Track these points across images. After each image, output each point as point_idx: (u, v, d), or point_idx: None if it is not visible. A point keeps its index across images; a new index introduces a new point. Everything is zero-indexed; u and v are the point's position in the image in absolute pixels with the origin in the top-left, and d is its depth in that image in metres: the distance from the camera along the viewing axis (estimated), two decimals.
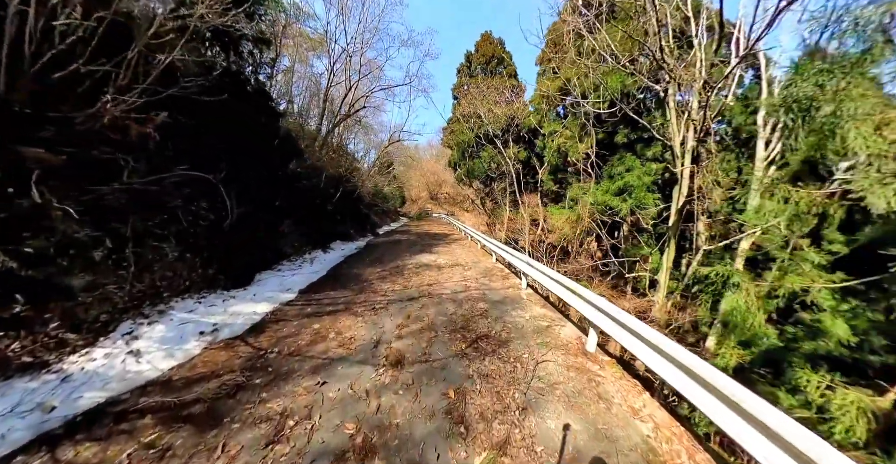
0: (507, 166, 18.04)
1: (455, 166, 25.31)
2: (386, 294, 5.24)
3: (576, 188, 11.54)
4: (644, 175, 9.24)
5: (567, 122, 12.12)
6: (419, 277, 6.39)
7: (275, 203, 8.80)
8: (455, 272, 6.85)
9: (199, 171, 5.57)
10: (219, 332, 4.13)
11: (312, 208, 10.58)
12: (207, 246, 5.58)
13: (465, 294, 5.27)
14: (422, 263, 7.83)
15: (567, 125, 11.96)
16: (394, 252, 9.57)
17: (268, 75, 14.10)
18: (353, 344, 3.51)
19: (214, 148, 6.43)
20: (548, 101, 12.96)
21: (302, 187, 10.60)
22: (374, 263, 7.87)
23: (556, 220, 12.08)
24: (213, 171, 6.31)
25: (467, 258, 8.55)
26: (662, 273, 10.81)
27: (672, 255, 10.84)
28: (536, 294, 5.61)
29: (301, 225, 9.55)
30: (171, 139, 5.44)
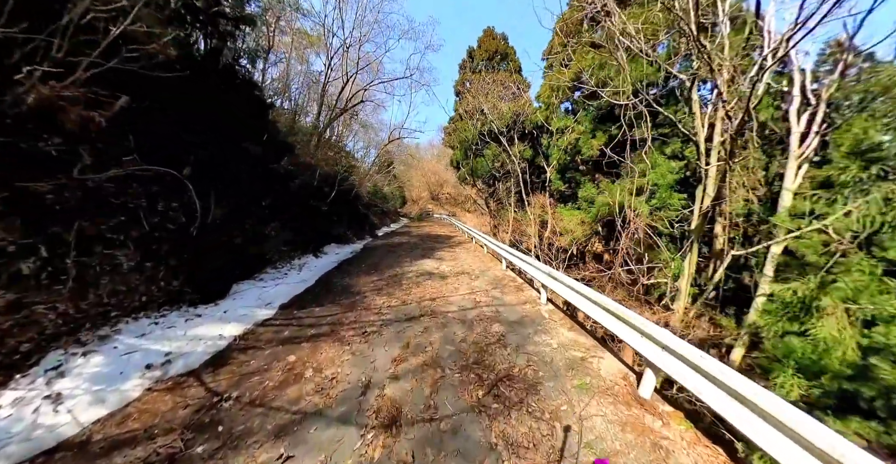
0: (512, 165, 17.19)
1: (457, 165, 24.49)
2: (381, 311, 4.41)
3: (589, 187, 10.70)
4: (668, 173, 8.39)
5: (579, 116, 11.29)
6: (420, 288, 5.55)
7: (261, 203, 7.98)
8: (461, 282, 6.01)
9: (171, 165, 4.76)
10: (171, 364, 3.30)
11: (305, 209, 9.76)
12: (173, 253, 4.76)
13: (475, 312, 4.43)
14: (423, 270, 6.99)
15: (579, 120, 11.13)
16: (392, 257, 8.74)
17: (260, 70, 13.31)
18: (335, 389, 2.68)
19: (188, 140, 5.61)
20: (558, 94, 12.13)
21: (294, 186, 9.78)
22: (369, 271, 7.04)
23: (568, 221, 11.25)
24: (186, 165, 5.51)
25: (474, 265, 7.71)
26: (684, 280, 9.97)
27: (695, 260, 9.99)
28: (559, 311, 4.77)
29: (291, 227, 8.72)
30: (133, 128, 4.62)
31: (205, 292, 4.83)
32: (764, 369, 5.90)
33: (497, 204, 19.30)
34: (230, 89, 7.14)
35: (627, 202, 8.97)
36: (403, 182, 39.01)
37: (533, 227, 13.34)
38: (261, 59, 12.61)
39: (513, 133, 16.55)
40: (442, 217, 32.49)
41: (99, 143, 4.32)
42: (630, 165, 9.25)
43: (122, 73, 4.13)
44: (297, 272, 6.86)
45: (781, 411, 1.68)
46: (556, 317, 4.50)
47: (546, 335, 3.83)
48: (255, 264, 6.41)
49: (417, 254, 9.24)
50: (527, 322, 4.20)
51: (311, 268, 7.35)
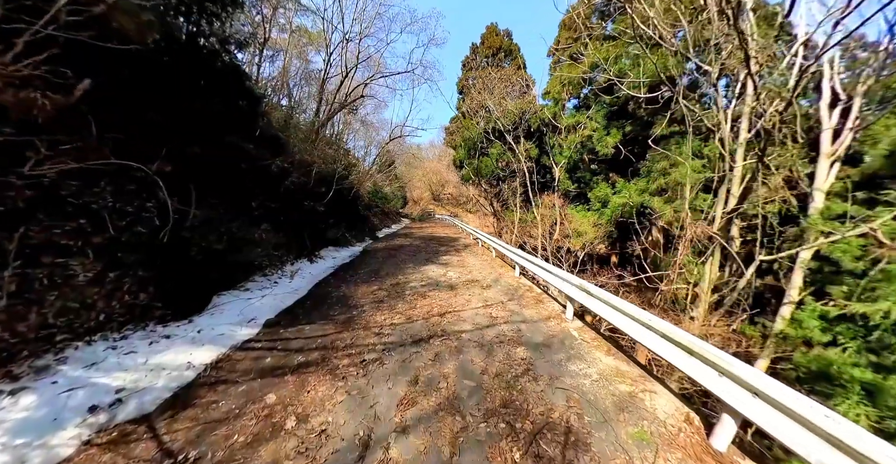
0: (518, 164, 16.54)
1: (460, 165, 23.86)
2: (382, 331, 3.74)
3: (603, 187, 10.07)
4: (693, 172, 7.74)
5: (592, 112, 10.66)
6: (427, 300, 4.89)
7: (251, 203, 7.33)
8: (472, 293, 5.35)
9: (145, 160, 4.13)
10: (121, 406, 2.64)
11: (300, 210, 9.11)
12: (142, 262, 4.10)
13: (493, 332, 3.77)
14: (429, 278, 6.33)
15: (592, 116, 10.50)
16: (394, 262, 8.08)
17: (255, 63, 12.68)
18: (324, 448, 2.02)
19: (165, 131, 4.96)
20: (568, 89, 11.50)
21: (288, 186, 9.13)
22: (369, 279, 6.37)
23: (579, 223, 10.60)
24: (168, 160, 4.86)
25: (484, 271, 7.05)
26: (704, 286, 9.35)
27: (717, 265, 9.36)
28: (589, 328, 4.11)
29: (284, 230, 8.07)
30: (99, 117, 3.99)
31: (178, 307, 4.17)
32: (815, 391, 5.23)
33: (501, 205, 18.65)
34: (215, 76, 6.50)
35: (647, 203, 8.33)
36: (405, 182, 38.42)
37: (541, 228, 12.69)
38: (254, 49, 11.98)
39: (519, 131, 15.92)
40: (444, 218, 31.87)
41: (61, 134, 3.68)
42: (649, 164, 8.60)
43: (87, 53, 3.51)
44: (288, 280, 6.20)
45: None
46: (588, 336, 3.84)
47: (582, 362, 3.17)
48: (241, 272, 5.75)
49: (421, 258, 8.58)
50: (555, 344, 3.54)
51: (304, 275, 6.69)
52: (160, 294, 4.08)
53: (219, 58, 6.77)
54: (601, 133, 9.92)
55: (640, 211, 9.34)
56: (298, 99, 13.49)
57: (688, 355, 2.51)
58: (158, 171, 4.23)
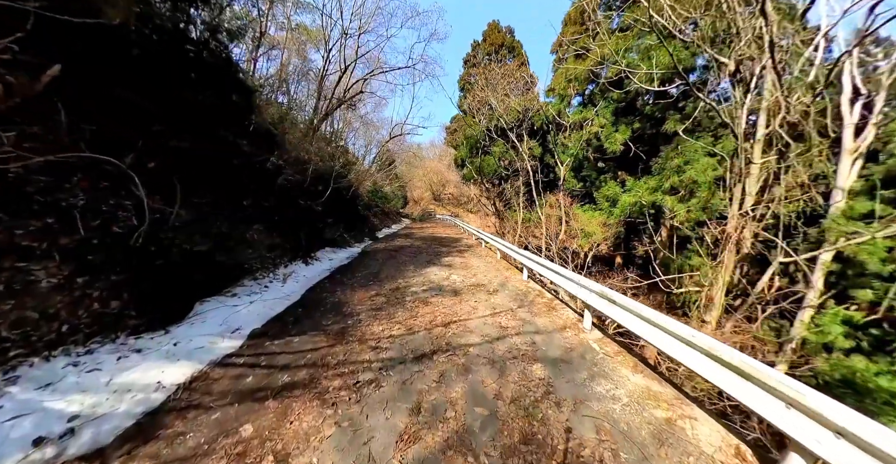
0: (521, 162, 16.15)
1: (462, 164, 23.48)
2: (379, 344, 3.35)
3: (612, 186, 9.67)
4: (709, 169, 7.35)
5: (599, 108, 10.27)
6: (429, 308, 4.49)
7: (243, 202, 6.95)
8: (478, 299, 4.95)
9: (125, 153, 3.77)
10: (73, 437, 2.25)
11: (295, 210, 8.73)
12: (116, 265, 3.72)
13: (504, 345, 3.38)
14: (431, 282, 5.94)
15: (600, 112, 10.10)
16: (394, 264, 7.68)
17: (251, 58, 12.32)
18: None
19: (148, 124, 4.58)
20: (575, 84, 11.10)
21: (283, 184, 8.75)
22: (367, 283, 5.98)
23: (586, 223, 10.20)
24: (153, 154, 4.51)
25: (489, 274, 6.66)
26: (718, 289, 8.95)
27: (731, 267, 8.96)
28: (610, 339, 3.72)
29: (278, 230, 7.69)
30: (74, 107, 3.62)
31: (154, 316, 3.79)
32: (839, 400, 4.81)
33: (504, 205, 18.26)
34: (205, 67, 6.12)
35: (659, 202, 7.94)
36: (405, 182, 38.05)
37: (546, 228, 12.29)
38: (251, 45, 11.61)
39: (522, 128, 15.53)
40: (445, 218, 31.49)
41: (28, 124, 3.32)
42: (661, 161, 8.20)
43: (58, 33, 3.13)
44: (280, 284, 5.81)
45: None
46: (611, 349, 3.44)
47: (608, 382, 2.78)
48: (229, 276, 5.36)
49: (422, 260, 8.18)
50: (575, 360, 3.14)
51: (298, 278, 6.30)
52: (134, 301, 3.69)
53: (210, 47, 6.39)
54: (609, 129, 9.54)
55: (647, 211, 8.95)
56: (296, 96, 13.13)
57: (742, 380, 2.12)
58: (134, 165, 3.84)
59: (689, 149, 7.52)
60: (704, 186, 7.15)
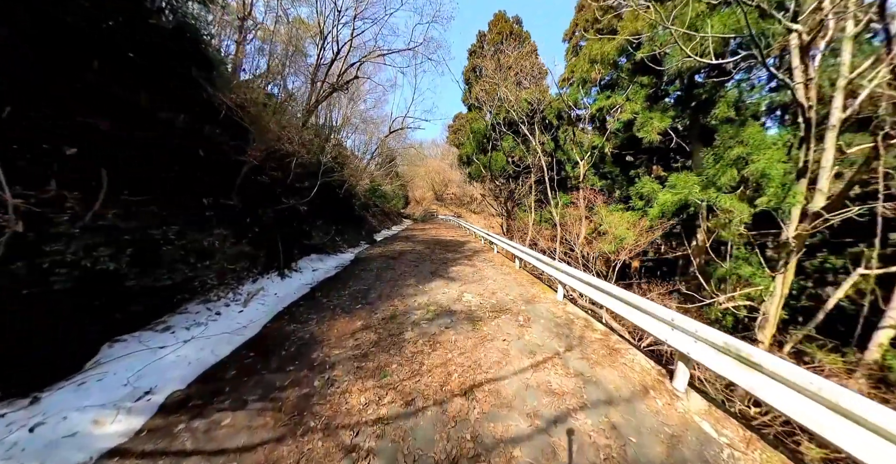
0: (533, 158, 14.73)
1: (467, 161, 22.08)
2: (356, 443, 1.94)
3: (646, 182, 8.25)
4: (780, 161, 5.90)
5: (630, 93, 8.85)
6: (439, 354, 3.07)
7: (203, 201, 5.56)
8: (507, 334, 3.53)
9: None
10: None
11: (276, 211, 7.34)
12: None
13: (569, 439, 1.96)
14: (438, 304, 4.52)
15: (631, 97, 8.67)
16: (391, 277, 6.27)
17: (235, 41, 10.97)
18: None
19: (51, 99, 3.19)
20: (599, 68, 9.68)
21: (261, 181, 7.37)
22: (353, 306, 4.57)
23: (615, 224, 8.77)
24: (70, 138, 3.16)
25: (510, 290, 5.24)
26: (773, 303, 7.50)
27: (791, 277, 7.50)
28: (727, 414, 2.30)
29: (250, 236, 6.30)
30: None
31: (23, 372, 2.39)
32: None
33: (513, 204, 16.83)
34: (151, 32, 4.72)
35: (713, 200, 6.51)
36: (406, 181, 36.71)
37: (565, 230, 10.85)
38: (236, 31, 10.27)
39: (534, 120, 14.11)
40: (447, 218, 30.15)
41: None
42: (718, 150, 6.73)
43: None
44: (238, 309, 4.42)
45: None
46: (735, 435, 2.03)
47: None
48: (163, 301, 3.96)
49: (425, 270, 6.76)
50: (693, 461, 1.73)
51: (266, 299, 4.90)
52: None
53: (157, 6, 5.00)
54: (645, 116, 8.11)
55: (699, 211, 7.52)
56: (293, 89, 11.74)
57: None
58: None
59: (752, 137, 6.08)
60: (776, 180, 5.71)
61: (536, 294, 5.03)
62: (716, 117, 7.25)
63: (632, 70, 9.54)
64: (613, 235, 8.91)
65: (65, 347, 2.80)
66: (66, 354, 2.80)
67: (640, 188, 8.25)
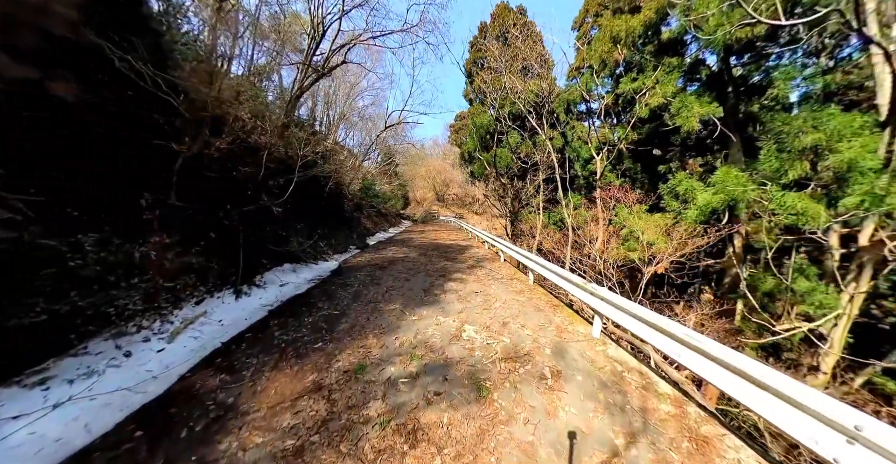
0: (541, 154, 13.47)
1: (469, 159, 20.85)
2: None
3: (682, 178, 6.97)
4: (870, 150, 4.60)
5: (659, 74, 7.57)
6: (418, 451, 1.85)
7: (140, 200, 4.37)
8: (531, 404, 2.29)
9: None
10: None
11: (242, 212, 6.14)
12: None
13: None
14: (428, 346, 3.26)
15: (661, 78, 7.40)
16: (372, 297, 5.03)
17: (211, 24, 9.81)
18: None
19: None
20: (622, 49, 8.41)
21: (227, 178, 6.19)
22: (309, 345, 3.33)
23: (642, 228, 7.50)
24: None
25: (527, 320, 3.99)
26: (839, 327, 6.27)
27: (861, 297, 6.22)
28: None
29: (202, 243, 5.11)
30: None
31: None
32: None
33: (519, 205, 15.56)
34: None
35: (779, 200, 5.22)
36: (406, 181, 35.55)
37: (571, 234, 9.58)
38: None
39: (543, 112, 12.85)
40: (449, 220, 28.94)
41: None
42: (787, 139, 5.40)
43: None
44: (160, 345, 3.21)
45: None
46: None
47: None
48: (53, 337, 2.75)
49: (417, 286, 5.53)
50: None
51: (202, 329, 3.69)
52: None
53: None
54: (682, 101, 6.83)
55: (767, 216, 6.23)
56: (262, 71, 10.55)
57: None
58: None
59: (831, 122, 4.78)
60: (868, 176, 4.40)
61: (562, 326, 3.78)
62: (772, 99, 5.97)
63: (656, 51, 8.28)
64: (640, 240, 7.64)
65: None
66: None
67: (674, 186, 6.96)
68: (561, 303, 4.59)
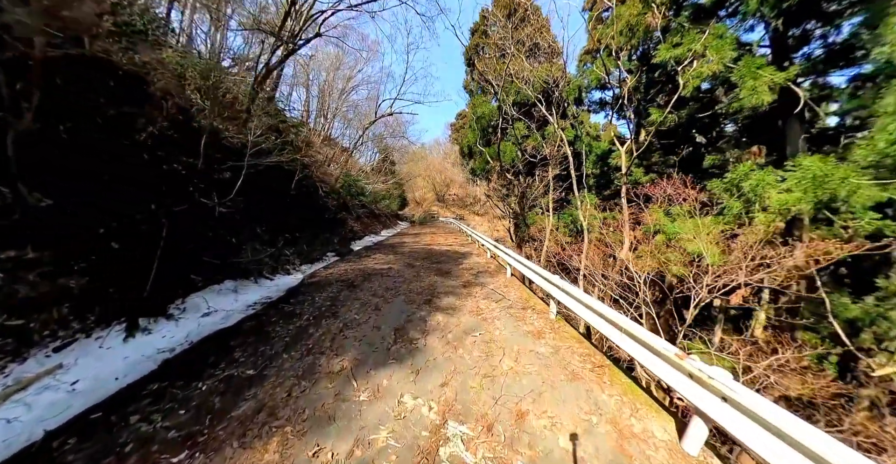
0: (551, 148, 11.87)
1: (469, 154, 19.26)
2: None
3: (745, 169, 5.35)
4: None
5: (709, 38, 5.91)
6: None
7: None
8: None
9: None
10: None
11: (169, 215, 4.59)
12: None
13: None
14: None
15: (712, 47, 5.75)
16: (322, 336, 3.46)
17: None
18: None
19: None
20: (664, 8, 6.77)
21: (166, 170, 4.65)
22: (170, 452, 1.78)
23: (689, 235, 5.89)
24: None
25: (558, 398, 2.41)
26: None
27: None
28: None
29: (89, 259, 3.60)
30: None
31: None
32: None
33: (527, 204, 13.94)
34: None
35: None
36: (404, 181, 34.05)
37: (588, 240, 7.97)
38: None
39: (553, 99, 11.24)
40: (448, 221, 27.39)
41: None
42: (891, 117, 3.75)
43: None
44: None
45: None
46: None
47: None
48: None
49: (389, 322, 3.93)
50: None
51: (29, 403, 2.12)
52: None
53: None
54: (750, 66, 5.20)
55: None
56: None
57: None
58: None
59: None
60: None
61: (619, 419, 2.18)
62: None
63: (694, 14, 6.66)
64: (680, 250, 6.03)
65: None
66: None
67: (736, 180, 5.34)
68: (607, 361, 2.98)
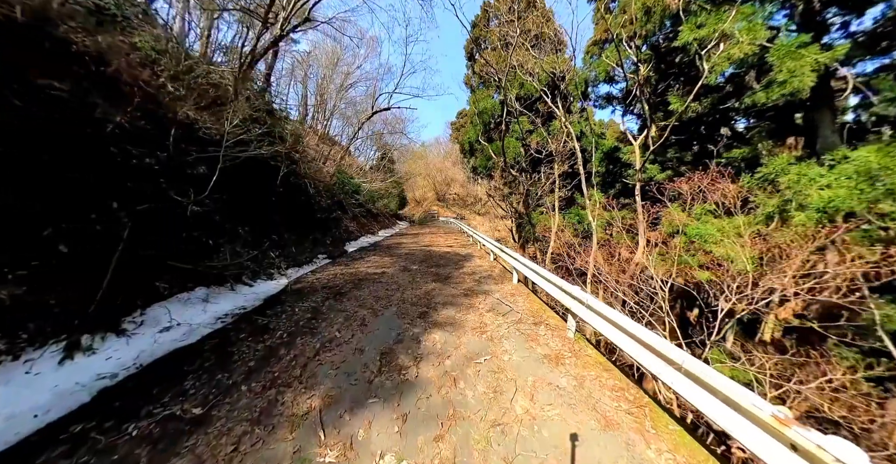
0: (558, 144, 11.26)
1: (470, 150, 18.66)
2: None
3: (783, 161, 4.74)
4: None
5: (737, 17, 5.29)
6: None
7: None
8: None
9: None
10: None
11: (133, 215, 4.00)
12: None
13: None
14: None
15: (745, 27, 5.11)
16: (292, 362, 2.87)
17: None
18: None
19: None
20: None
21: (131, 165, 4.07)
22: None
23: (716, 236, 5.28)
24: None
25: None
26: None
27: None
28: None
29: (26, 268, 2.99)
30: None
31: None
32: None
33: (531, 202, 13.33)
34: None
35: None
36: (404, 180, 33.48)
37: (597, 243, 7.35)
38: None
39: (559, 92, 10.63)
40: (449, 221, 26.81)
41: None
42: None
43: None
44: None
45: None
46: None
47: None
48: None
49: (375, 343, 3.32)
50: None
51: None
52: None
53: None
54: (788, 46, 4.58)
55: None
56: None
57: None
58: None
59: None
60: None
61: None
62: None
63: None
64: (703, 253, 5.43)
65: None
66: None
67: (772, 174, 4.73)
68: (646, 398, 2.38)
